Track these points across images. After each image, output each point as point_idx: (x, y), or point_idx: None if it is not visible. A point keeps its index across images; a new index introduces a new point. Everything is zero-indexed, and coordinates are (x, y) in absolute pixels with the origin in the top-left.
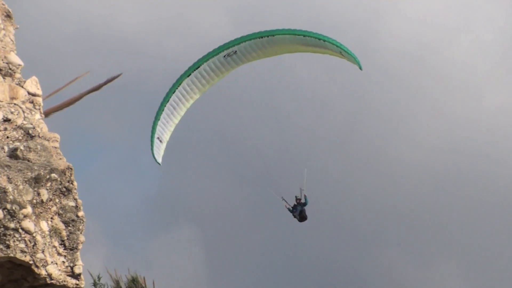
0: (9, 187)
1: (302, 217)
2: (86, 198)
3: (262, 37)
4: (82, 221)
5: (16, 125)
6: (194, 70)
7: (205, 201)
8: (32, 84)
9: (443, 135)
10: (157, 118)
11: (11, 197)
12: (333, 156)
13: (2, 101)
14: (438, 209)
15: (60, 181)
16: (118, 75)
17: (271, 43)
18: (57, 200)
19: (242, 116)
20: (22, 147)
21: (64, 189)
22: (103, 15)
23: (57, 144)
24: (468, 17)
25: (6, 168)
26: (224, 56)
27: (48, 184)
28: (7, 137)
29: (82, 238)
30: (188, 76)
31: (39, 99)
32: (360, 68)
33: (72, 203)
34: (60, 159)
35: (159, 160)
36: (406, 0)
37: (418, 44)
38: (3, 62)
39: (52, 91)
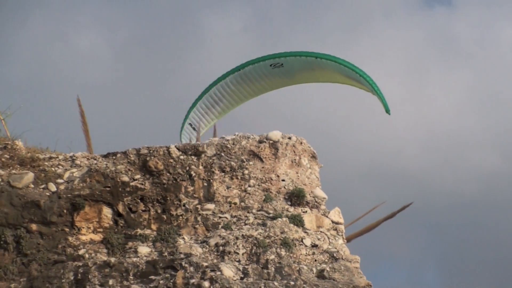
0: None
1: None
2: None
3: (306, 56)
4: None
5: (322, 250)
6: (240, 70)
7: None
8: (335, 214)
9: None
10: (193, 105)
11: None
12: None
13: (310, 230)
14: None
15: None
16: (409, 204)
17: (315, 65)
18: None
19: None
20: (328, 268)
21: None
22: (391, 152)
23: (358, 265)
24: None
25: (315, 287)
26: (271, 65)
27: None
28: (315, 260)
29: None
30: (233, 73)
31: (342, 227)
32: (387, 111)
33: None
34: (361, 277)
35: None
36: None
37: None
38: (310, 196)
39: (352, 220)
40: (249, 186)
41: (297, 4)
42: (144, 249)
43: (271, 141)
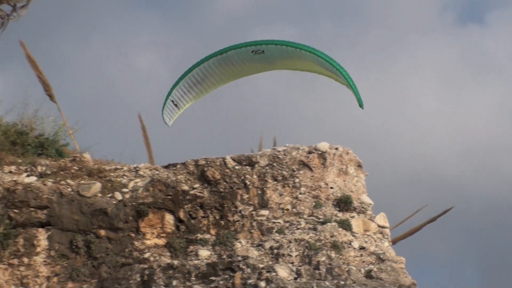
0: None
1: None
2: None
3: (287, 46)
4: None
5: (369, 252)
6: (222, 54)
7: None
8: (381, 219)
9: None
10: (176, 83)
11: None
12: None
13: (358, 233)
14: None
15: None
16: (450, 208)
17: (295, 55)
18: None
19: None
20: (375, 269)
21: None
22: (430, 160)
23: (403, 265)
24: None
25: (363, 286)
26: (253, 52)
27: None
28: (363, 261)
29: None
30: (215, 56)
31: (387, 230)
32: (360, 106)
33: None
34: (406, 277)
35: (169, 122)
36: None
37: None
38: (357, 203)
39: (397, 223)
40: (300, 193)
41: (339, 24)
42: (204, 252)
43: (319, 152)
